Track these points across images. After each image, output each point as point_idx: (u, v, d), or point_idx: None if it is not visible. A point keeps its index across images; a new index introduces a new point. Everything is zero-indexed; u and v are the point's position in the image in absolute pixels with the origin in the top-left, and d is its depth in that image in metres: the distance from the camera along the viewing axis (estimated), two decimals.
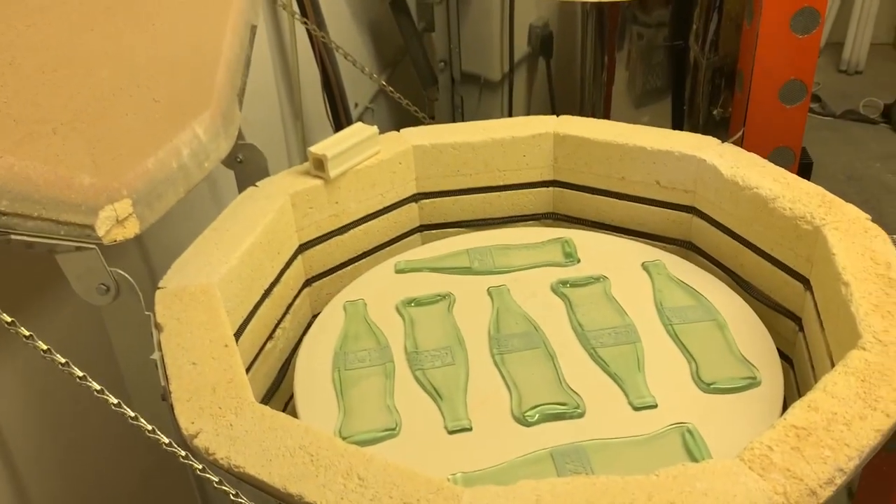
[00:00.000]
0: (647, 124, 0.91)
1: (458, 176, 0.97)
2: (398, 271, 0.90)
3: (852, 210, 0.75)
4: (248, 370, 0.75)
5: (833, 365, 0.58)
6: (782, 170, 0.82)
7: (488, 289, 0.85)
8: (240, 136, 0.89)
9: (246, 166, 0.91)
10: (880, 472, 0.63)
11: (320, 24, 1.29)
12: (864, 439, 0.50)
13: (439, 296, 0.84)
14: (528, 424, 0.67)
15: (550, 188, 0.98)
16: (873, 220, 0.75)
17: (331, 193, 0.88)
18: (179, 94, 0.76)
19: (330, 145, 0.87)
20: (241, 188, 0.88)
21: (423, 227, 1.00)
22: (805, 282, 0.75)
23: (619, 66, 1.52)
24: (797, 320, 0.77)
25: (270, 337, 0.81)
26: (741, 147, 1.72)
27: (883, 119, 2.80)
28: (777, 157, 1.74)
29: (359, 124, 0.92)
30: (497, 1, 1.50)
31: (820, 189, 0.78)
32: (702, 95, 1.59)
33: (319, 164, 0.86)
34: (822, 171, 2.49)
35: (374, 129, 0.91)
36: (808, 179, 2.11)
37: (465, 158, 0.95)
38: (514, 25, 1.53)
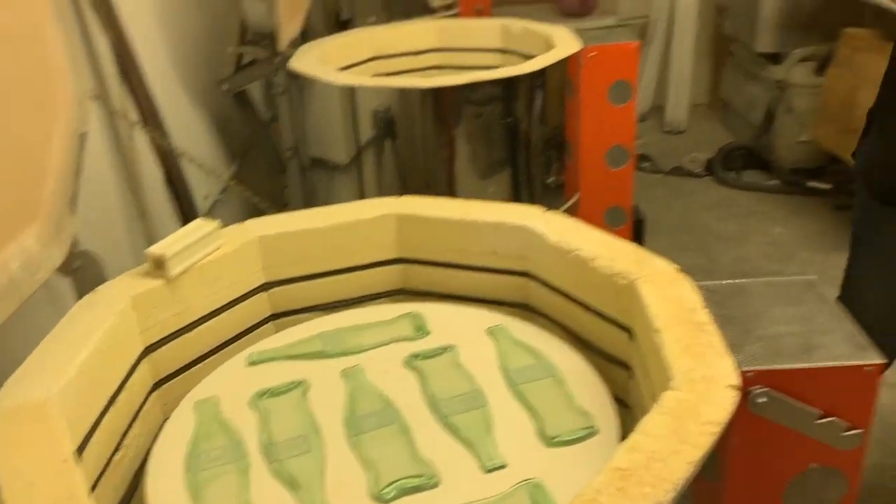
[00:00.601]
0: (491, 195, 0.97)
1: (305, 262, 0.99)
2: (251, 363, 0.90)
3: (662, 263, 0.83)
4: (95, 484, 0.72)
5: None
6: (601, 232, 0.90)
7: (342, 371, 0.86)
8: (76, 243, 0.88)
9: (83, 273, 0.89)
10: (708, 501, 0.69)
11: (157, 125, 1.29)
12: (678, 472, 0.55)
13: (293, 384, 0.85)
14: (386, 501, 0.68)
15: (397, 265, 1.02)
16: (707, 266, 0.83)
17: (174, 292, 0.87)
18: (3, 207, 0.74)
19: (169, 244, 0.87)
20: (79, 296, 0.86)
21: (274, 316, 1.00)
22: (629, 332, 0.82)
23: (460, 143, 1.60)
24: (627, 368, 0.84)
25: (118, 447, 0.78)
26: (578, 209, 1.84)
27: (706, 172, 3.07)
28: (611, 216, 1.89)
29: (199, 220, 0.93)
30: (337, 90, 1.55)
31: (633, 246, 0.86)
32: (537, 165, 1.70)
33: (159, 264, 0.86)
34: (659, 225, 2.69)
35: (215, 223, 0.92)
36: (642, 234, 2.26)
37: (311, 244, 0.98)
38: (357, 111, 1.59)
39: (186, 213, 1.42)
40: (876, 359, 0.70)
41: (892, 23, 2.24)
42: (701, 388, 0.64)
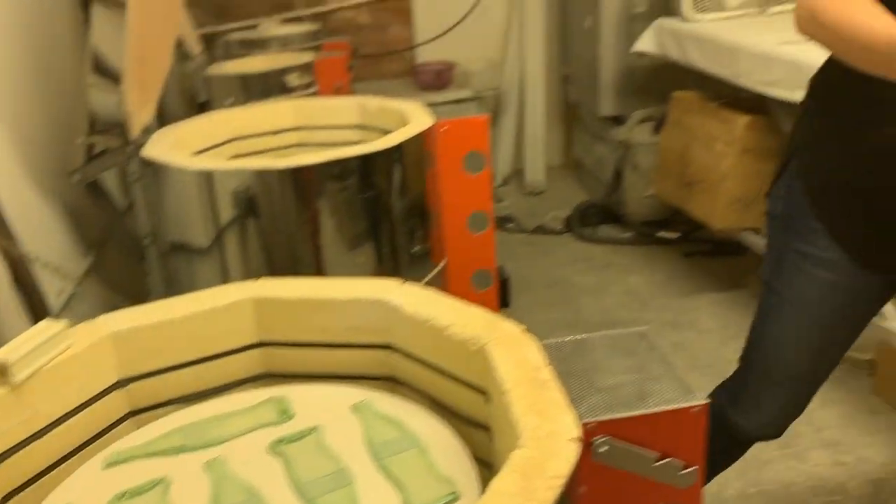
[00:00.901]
0: (360, 267, 1.00)
1: (162, 355, 0.97)
2: (108, 465, 0.86)
3: (509, 325, 0.88)
4: None
5: None
6: (454, 299, 0.95)
7: (205, 463, 0.85)
8: None
9: None
10: None
11: (2, 226, 1.24)
12: None
13: (153, 482, 0.82)
14: None
15: (258, 350, 1.02)
16: (573, 319, 0.89)
17: (19, 399, 0.83)
18: None
19: (12, 349, 0.84)
20: None
21: (133, 413, 0.97)
22: (485, 394, 0.86)
23: (323, 219, 1.63)
24: (487, 430, 0.87)
25: None
26: (446, 275, 1.89)
27: (566, 229, 3.25)
28: (477, 279, 1.95)
29: (45, 321, 0.90)
30: (193, 175, 1.55)
31: (483, 311, 0.91)
32: (402, 235, 1.75)
33: (2, 371, 0.82)
34: (526, 282, 2.80)
35: (63, 323, 0.89)
36: (508, 294, 2.33)
37: (167, 336, 0.96)
38: (215, 195, 1.59)
39: (37, 313, 1.36)
40: (701, 400, 0.77)
41: (713, 85, 2.49)
42: (546, 444, 0.68)
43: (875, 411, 1.99)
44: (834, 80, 1.14)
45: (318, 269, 1.60)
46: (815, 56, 1.98)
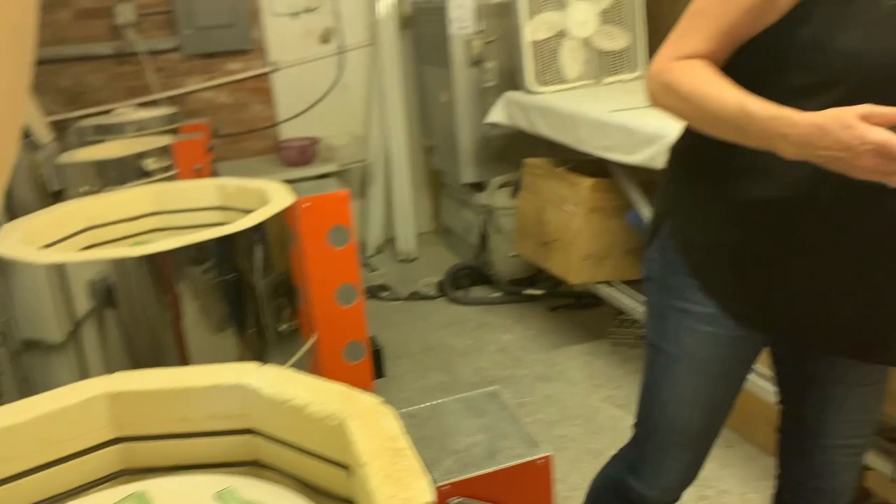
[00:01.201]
0: (226, 350, 0.99)
1: (13, 460, 0.93)
2: None
3: (367, 398, 0.91)
4: None
5: None
6: (313, 378, 0.97)
7: None
8: None
9: None
10: None
11: None
12: None
13: None
14: None
15: (115, 446, 0.99)
16: (449, 382, 0.92)
17: None
18: None
19: None
20: None
21: None
22: (347, 469, 0.88)
23: (185, 305, 1.61)
24: None
25: None
26: (317, 351, 1.91)
27: (439, 293, 3.33)
28: (350, 351, 1.98)
29: None
30: (43, 269, 1.50)
31: (341, 387, 0.94)
32: (268, 315, 1.75)
33: None
34: (402, 349, 2.83)
35: None
36: (382, 363, 2.37)
37: (16, 440, 0.93)
38: (69, 287, 1.54)
39: None
40: (545, 452, 0.83)
41: (560, 151, 2.66)
42: None
43: (730, 444, 2.14)
44: (693, 146, 1.20)
45: (182, 357, 1.58)
46: (644, 122, 2.17)
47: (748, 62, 1.06)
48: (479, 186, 3.32)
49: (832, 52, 0.99)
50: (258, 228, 1.65)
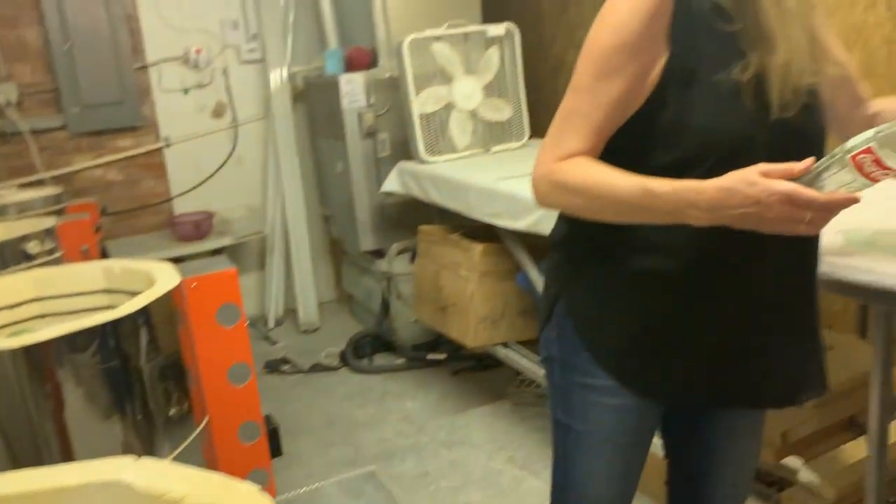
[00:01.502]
0: (113, 440, 0.96)
1: None
2: None
3: (245, 487, 0.91)
4: None
5: None
6: (190, 469, 0.96)
7: None
8: None
9: None
10: None
11: None
12: None
13: None
14: None
15: None
16: (352, 456, 0.91)
17: None
18: None
19: None
20: None
21: None
22: None
23: (67, 394, 1.55)
24: None
25: None
26: (210, 433, 1.87)
27: (342, 364, 3.30)
28: (245, 432, 1.93)
29: None
30: None
31: (220, 477, 0.93)
32: (157, 399, 1.70)
33: None
34: (304, 425, 2.79)
35: None
36: (279, 442, 2.33)
37: None
38: None
39: None
40: None
41: (453, 218, 2.74)
42: None
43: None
44: (575, 232, 1.22)
45: (64, 451, 1.52)
46: (529, 189, 2.27)
47: (620, 144, 1.12)
48: (378, 253, 3.36)
49: (689, 132, 1.07)
50: (143, 312, 1.62)
